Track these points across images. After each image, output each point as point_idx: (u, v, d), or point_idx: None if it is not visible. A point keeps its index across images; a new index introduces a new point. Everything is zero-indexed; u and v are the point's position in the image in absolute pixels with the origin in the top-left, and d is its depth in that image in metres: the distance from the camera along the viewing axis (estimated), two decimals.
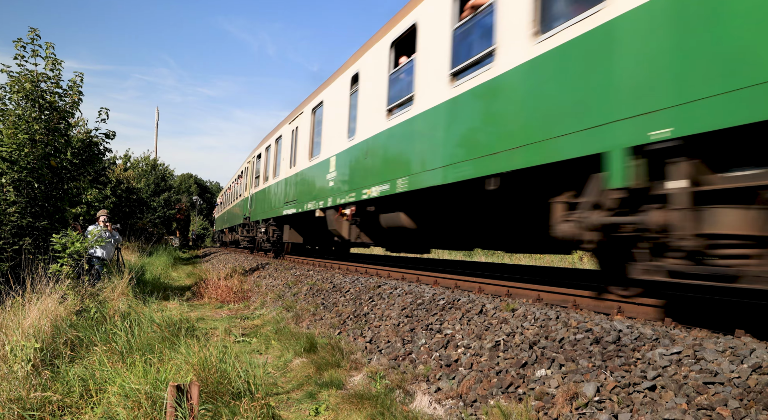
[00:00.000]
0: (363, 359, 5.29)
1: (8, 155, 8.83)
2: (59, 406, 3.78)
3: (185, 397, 3.19)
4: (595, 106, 3.80)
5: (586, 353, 3.45)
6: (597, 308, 4.62)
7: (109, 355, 4.56)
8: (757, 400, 2.52)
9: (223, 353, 4.46)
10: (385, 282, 7.31)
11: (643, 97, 3.41)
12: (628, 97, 3.53)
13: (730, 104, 2.87)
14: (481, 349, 4.20)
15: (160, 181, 35.90)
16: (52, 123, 9.53)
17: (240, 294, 10.95)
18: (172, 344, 4.94)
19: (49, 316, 5.22)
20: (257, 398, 3.76)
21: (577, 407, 3.08)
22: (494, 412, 3.40)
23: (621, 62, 3.62)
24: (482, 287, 6.13)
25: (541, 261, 18.28)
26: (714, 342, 3.04)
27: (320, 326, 6.80)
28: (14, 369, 4.09)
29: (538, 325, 4.06)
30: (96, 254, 9.09)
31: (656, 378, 2.93)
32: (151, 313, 6.01)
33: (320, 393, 4.55)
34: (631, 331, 3.45)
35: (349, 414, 3.98)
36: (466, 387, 3.89)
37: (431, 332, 4.94)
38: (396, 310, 5.90)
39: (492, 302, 4.91)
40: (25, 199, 9.00)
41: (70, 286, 6.38)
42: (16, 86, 9.24)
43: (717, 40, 3.00)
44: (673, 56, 3.24)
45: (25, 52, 9.42)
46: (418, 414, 3.85)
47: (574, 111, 4.00)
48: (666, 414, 2.68)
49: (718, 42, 3.00)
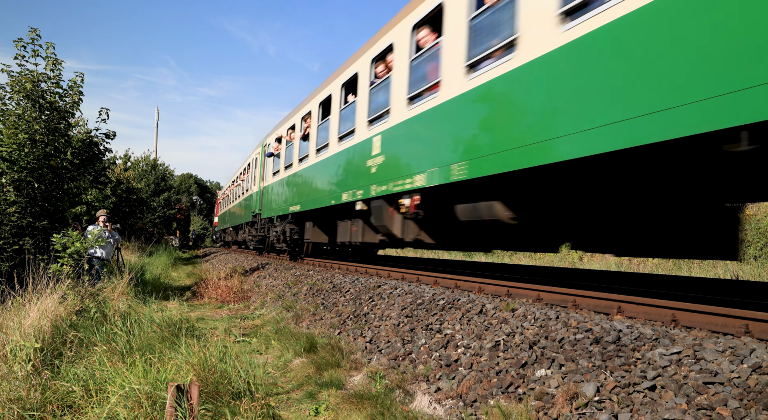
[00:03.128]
0: (363, 359, 5.29)
1: (8, 155, 8.84)
2: (59, 406, 3.78)
3: (185, 397, 3.19)
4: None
5: (586, 353, 3.45)
6: (597, 308, 4.63)
7: (109, 355, 4.56)
8: (757, 400, 2.52)
9: (223, 353, 4.46)
10: (385, 282, 7.31)
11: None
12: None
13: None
14: (481, 349, 4.20)
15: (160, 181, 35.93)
16: (52, 123, 9.54)
17: (240, 294, 10.95)
18: (172, 344, 4.94)
19: (49, 316, 5.23)
20: (257, 398, 3.76)
21: (577, 407, 3.08)
22: (494, 412, 3.40)
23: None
24: (482, 287, 6.13)
25: (540, 261, 18.29)
26: (714, 342, 3.04)
27: (320, 326, 6.80)
28: (14, 369, 4.09)
29: (538, 325, 4.06)
30: (96, 254, 9.09)
31: (656, 378, 2.93)
32: (151, 313, 6.01)
33: (320, 393, 4.55)
34: (631, 331, 3.45)
35: (349, 414, 3.98)
36: (466, 387, 3.89)
37: (431, 332, 4.94)
38: (396, 310, 5.90)
39: (492, 302, 4.91)
40: (25, 199, 9.01)
41: (70, 286, 6.39)
42: (16, 86, 9.25)
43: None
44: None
45: (26, 52, 9.44)
46: (418, 414, 3.85)
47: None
48: (666, 414, 2.68)
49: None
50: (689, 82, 3.21)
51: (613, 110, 3.73)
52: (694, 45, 3.21)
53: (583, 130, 4.00)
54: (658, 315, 4.12)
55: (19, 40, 9.32)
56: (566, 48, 4.21)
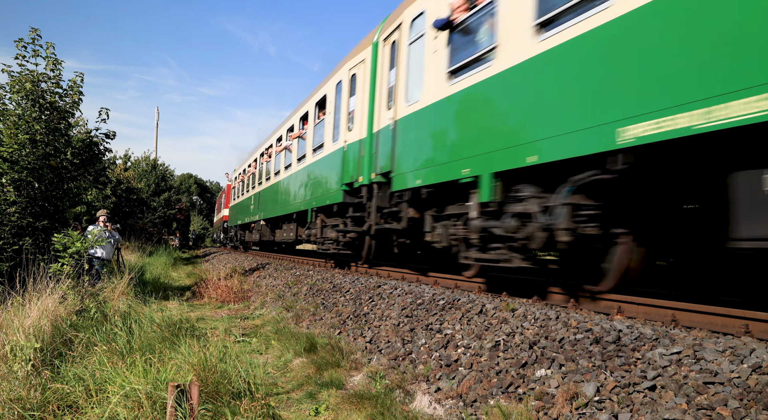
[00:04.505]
0: (363, 359, 5.29)
1: (9, 155, 8.84)
2: (59, 406, 3.78)
3: (185, 397, 3.19)
4: None
5: (586, 353, 3.45)
6: (597, 308, 4.62)
7: (109, 355, 4.55)
8: (757, 400, 2.52)
9: (223, 353, 4.46)
10: (385, 282, 7.30)
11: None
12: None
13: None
14: (481, 349, 4.20)
15: (160, 181, 35.93)
16: (52, 123, 9.54)
17: (240, 294, 10.95)
18: (172, 344, 4.94)
19: (49, 316, 5.22)
20: (257, 398, 3.76)
21: (577, 407, 3.08)
22: (494, 412, 3.40)
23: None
24: (482, 287, 6.13)
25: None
26: (714, 342, 3.04)
27: (320, 326, 6.80)
28: (14, 369, 4.09)
29: (538, 325, 4.06)
30: (96, 254, 9.09)
31: (656, 378, 2.93)
32: (151, 313, 6.01)
33: (320, 393, 4.55)
34: (631, 331, 3.45)
35: (349, 414, 3.98)
36: (466, 387, 3.89)
37: (431, 332, 4.94)
38: (396, 310, 5.90)
39: (492, 302, 4.91)
40: (25, 199, 9.01)
41: (71, 286, 6.38)
42: (16, 86, 9.25)
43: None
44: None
45: (26, 52, 9.45)
46: (418, 414, 3.85)
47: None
48: (666, 414, 2.68)
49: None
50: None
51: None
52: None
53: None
54: (658, 315, 4.12)
55: (20, 40, 9.33)
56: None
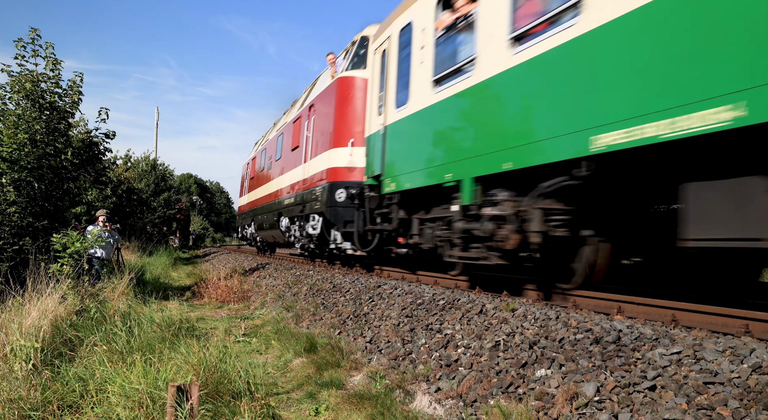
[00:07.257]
0: (363, 359, 5.29)
1: (8, 155, 8.83)
2: (59, 406, 3.78)
3: (185, 397, 3.19)
4: None
5: (586, 353, 3.45)
6: (597, 308, 4.62)
7: (109, 355, 4.56)
8: (757, 400, 2.52)
9: (223, 353, 4.46)
10: (385, 282, 7.30)
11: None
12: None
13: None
14: (481, 349, 4.20)
15: (160, 181, 35.88)
16: (52, 123, 9.53)
17: (240, 294, 10.95)
18: (172, 344, 4.94)
19: (49, 316, 5.22)
20: (257, 398, 3.76)
21: (577, 407, 3.08)
22: (494, 412, 3.40)
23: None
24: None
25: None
26: (714, 342, 3.04)
27: (320, 326, 6.80)
28: (14, 369, 4.09)
29: (538, 325, 4.06)
30: (96, 254, 9.09)
31: (656, 378, 2.93)
32: (151, 313, 6.01)
33: (320, 393, 4.55)
34: (631, 331, 3.45)
35: (349, 414, 3.98)
36: (466, 387, 3.89)
37: (431, 332, 4.94)
38: (396, 310, 5.90)
39: (492, 302, 4.91)
40: (25, 199, 9.00)
41: (70, 286, 6.38)
42: (16, 86, 9.25)
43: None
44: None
45: (26, 52, 9.43)
46: (418, 414, 3.85)
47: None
48: (666, 414, 2.68)
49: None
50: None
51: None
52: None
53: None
54: (658, 315, 4.12)
55: (19, 40, 9.31)
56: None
